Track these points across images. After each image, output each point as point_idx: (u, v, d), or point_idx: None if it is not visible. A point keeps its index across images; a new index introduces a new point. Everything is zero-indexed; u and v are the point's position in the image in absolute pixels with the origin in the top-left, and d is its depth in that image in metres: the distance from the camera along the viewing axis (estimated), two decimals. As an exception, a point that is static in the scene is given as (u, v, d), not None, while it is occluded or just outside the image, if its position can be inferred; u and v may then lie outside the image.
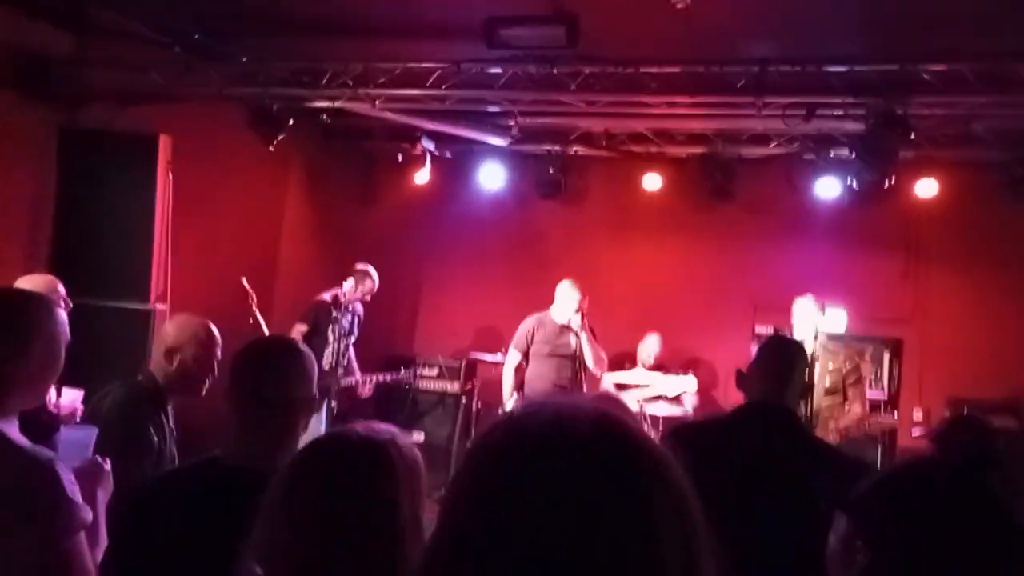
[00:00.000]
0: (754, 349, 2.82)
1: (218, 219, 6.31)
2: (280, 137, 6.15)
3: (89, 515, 1.79)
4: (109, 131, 5.41)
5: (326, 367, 6.12)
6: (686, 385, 6.41)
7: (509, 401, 6.02)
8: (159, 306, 5.27)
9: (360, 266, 6.36)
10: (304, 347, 2.15)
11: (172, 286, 5.54)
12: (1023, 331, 6.05)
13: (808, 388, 4.86)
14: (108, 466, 2.05)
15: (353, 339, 6.41)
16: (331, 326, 6.17)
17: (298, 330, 6.11)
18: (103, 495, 2.00)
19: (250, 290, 5.66)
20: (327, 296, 6.26)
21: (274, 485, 1.38)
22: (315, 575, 1.30)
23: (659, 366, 6.90)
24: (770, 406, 2.62)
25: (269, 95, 5.92)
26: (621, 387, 6.56)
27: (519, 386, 6.05)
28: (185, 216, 5.73)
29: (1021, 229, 6.28)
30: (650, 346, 6.98)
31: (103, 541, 1.93)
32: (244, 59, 5.80)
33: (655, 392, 6.53)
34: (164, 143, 5.33)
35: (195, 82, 5.78)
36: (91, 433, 2.23)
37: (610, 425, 0.82)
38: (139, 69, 5.65)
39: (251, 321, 5.59)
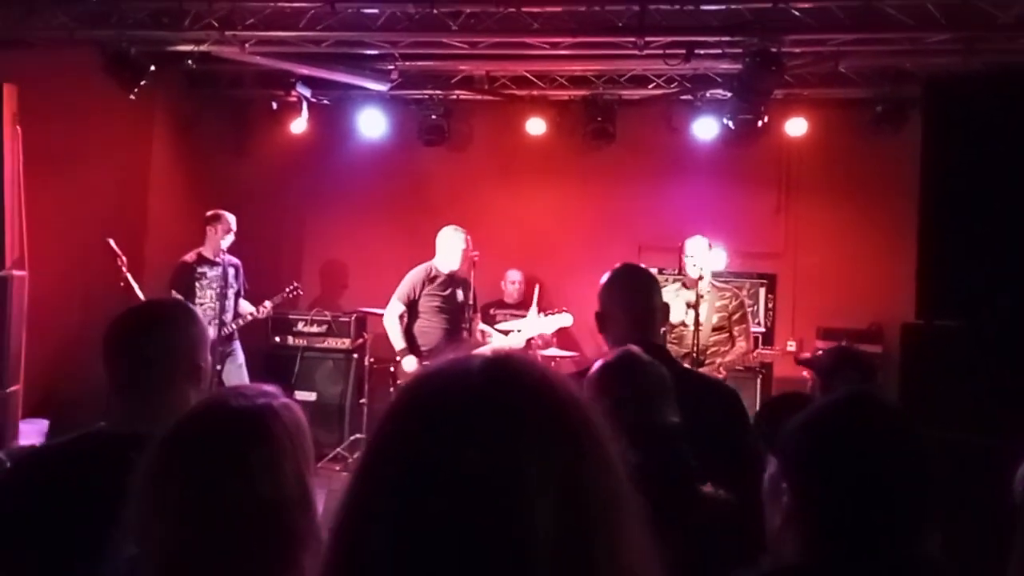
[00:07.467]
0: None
1: (77, 175, 5.86)
2: (141, 84, 5.73)
3: None
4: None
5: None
6: (561, 321, 6.03)
7: (407, 359, 5.64)
8: (16, 272, 4.88)
9: (209, 214, 6.04)
10: (190, 309, 2.01)
11: (30, 250, 5.12)
12: (885, 261, 6.37)
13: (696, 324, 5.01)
14: None
15: (234, 291, 6.10)
16: (199, 285, 5.91)
17: (173, 297, 5.77)
18: None
19: (118, 251, 5.30)
20: (189, 256, 5.93)
21: (145, 460, 1.26)
22: (194, 551, 1.21)
23: (525, 303, 6.61)
24: (650, 348, 2.52)
25: (126, 38, 5.49)
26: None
27: (410, 342, 5.75)
28: (39, 173, 5.28)
29: (884, 163, 6.61)
30: (511, 282, 7.04)
31: None
32: (95, -1, 5.35)
33: (530, 334, 6.06)
34: (9, 93, 4.88)
35: (41, 24, 5.29)
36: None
37: (502, 367, 0.78)
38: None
39: (122, 284, 5.24)
